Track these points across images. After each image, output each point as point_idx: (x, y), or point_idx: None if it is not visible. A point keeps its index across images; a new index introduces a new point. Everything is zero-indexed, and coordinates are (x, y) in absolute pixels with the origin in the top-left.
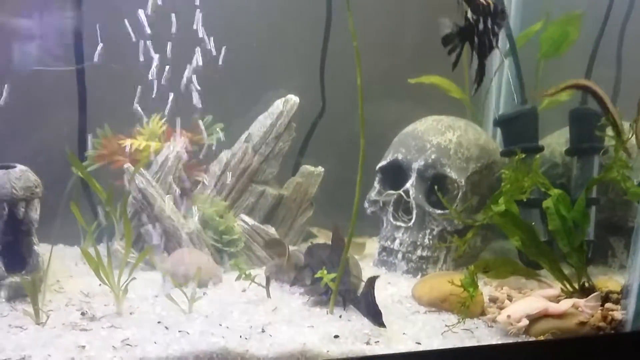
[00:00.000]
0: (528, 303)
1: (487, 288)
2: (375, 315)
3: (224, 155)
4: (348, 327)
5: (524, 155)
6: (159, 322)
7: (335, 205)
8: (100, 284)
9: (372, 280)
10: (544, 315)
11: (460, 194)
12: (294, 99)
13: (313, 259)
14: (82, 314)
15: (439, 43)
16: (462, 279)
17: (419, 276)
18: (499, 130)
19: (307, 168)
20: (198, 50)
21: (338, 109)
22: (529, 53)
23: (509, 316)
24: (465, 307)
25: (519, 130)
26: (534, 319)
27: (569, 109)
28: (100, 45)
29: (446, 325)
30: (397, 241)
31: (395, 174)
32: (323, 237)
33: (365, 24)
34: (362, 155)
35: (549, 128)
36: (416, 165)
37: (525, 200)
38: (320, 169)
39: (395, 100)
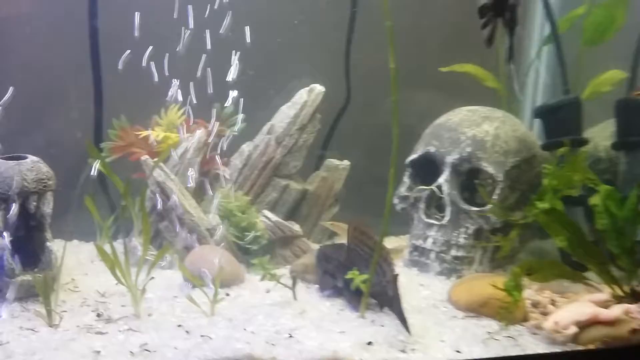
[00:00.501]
0: (576, 309)
1: (526, 291)
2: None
3: (246, 147)
4: (382, 333)
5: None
6: (179, 326)
7: (361, 201)
8: (116, 283)
9: (394, 277)
10: (594, 322)
11: (497, 190)
12: (319, 88)
13: (330, 263)
14: (98, 315)
15: (470, 29)
16: (505, 282)
17: (453, 278)
18: (535, 123)
19: (332, 162)
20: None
21: (364, 98)
22: (570, 39)
23: (556, 323)
24: (509, 312)
25: (563, 121)
26: (583, 326)
27: (615, 100)
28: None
29: (487, 332)
30: (430, 240)
31: (427, 168)
32: (341, 232)
33: (393, 6)
34: (396, 146)
35: (589, 120)
36: (450, 158)
37: (569, 197)
38: (346, 162)
39: (424, 90)
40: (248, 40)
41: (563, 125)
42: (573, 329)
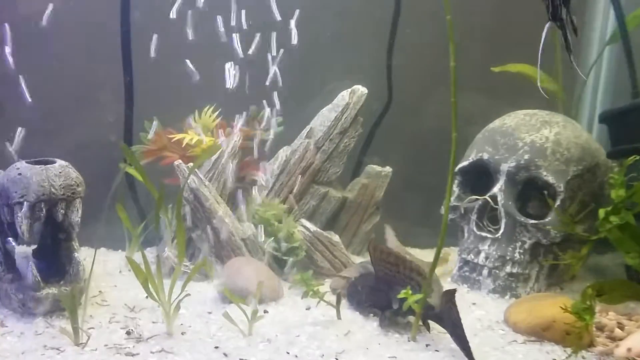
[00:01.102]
0: None
1: None
2: (465, 343)
3: (283, 152)
4: (437, 359)
5: (638, 158)
6: (216, 348)
7: (402, 210)
8: (147, 297)
9: (450, 294)
10: None
11: (557, 201)
12: (361, 89)
13: (361, 294)
14: (128, 333)
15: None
16: (573, 303)
17: (507, 296)
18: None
19: (373, 168)
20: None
21: (406, 102)
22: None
23: (629, 349)
24: (579, 337)
25: (632, 127)
26: None
27: None
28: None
29: None
30: (482, 255)
31: (479, 177)
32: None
33: (438, 4)
34: (454, 151)
35: None
36: (506, 166)
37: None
38: (388, 169)
39: (473, 92)
40: (294, 41)
41: (632, 132)
42: None
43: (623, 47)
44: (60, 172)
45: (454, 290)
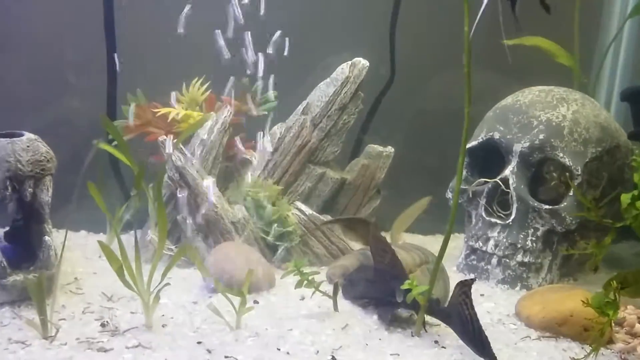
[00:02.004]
0: None
1: None
2: (481, 345)
3: (277, 129)
4: (444, 357)
5: None
6: (199, 343)
7: (404, 193)
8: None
9: (466, 286)
10: None
11: (575, 185)
12: (362, 62)
13: (358, 287)
14: (102, 325)
15: None
16: (594, 296)
17: (517, 287)
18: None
19: (374, 148)
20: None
21: (410, 76)
22: None
23: None
24: (600, 334)
25: None
26: None
27: None
28: None
29: (570, 358)
30: (492, 242)
31: (488, 158)
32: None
33: None
34: (466, 128)
35: None
36: (519, 147)
37: None
38: (390, 149)
39: (483, 67)
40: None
41: None
42: None
43: None
44: (27, 147)
45: (472, 281)
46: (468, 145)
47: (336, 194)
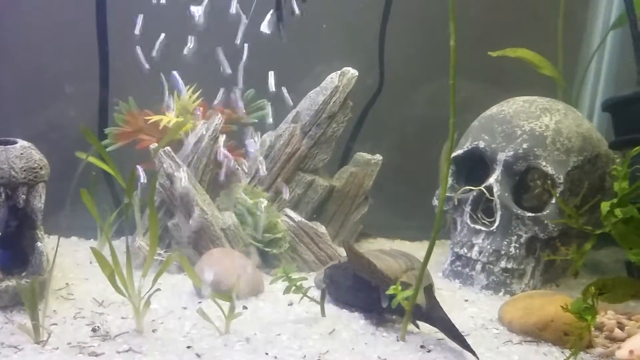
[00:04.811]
0: None
1: None
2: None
3: (268, 137)
4: None
5: None
6: (188, 347)
7: (391, 200)
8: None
9: (429, 292)
10: None
11: (557, 193)
12: (351, 71)
13: (340, 289)
14: (94, 330)
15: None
16: (574, 302)
17: (501, 293)
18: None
19: (362, 155)
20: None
21: (398, 86)
22: None
23: (631, 352)
24: (579, 339)
25: (637, 116)
26: None
27: None
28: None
29: None
30: (476, 249)
31: (473, 166)
32: None
33: None
34: (452, 137)
35: None
36: (503, 155)
37: None
38: (378, 157)
39: (469, 77)
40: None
41: (637, 121)
42: None
43: (630, 31)
44: (21, 154)
45: (430, 287)
46: (454, 154)
47: (325, 201)
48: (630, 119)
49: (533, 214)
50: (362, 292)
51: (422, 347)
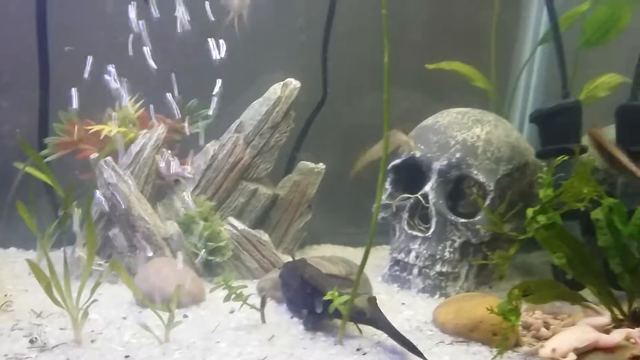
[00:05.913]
0: (575, 334)
1: None
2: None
3: (211, 146)
4: None
5: (566, 157)
6: (126, 357)
7: (335, 208)
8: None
9: (373, 302)
10: (593, 349)
11: (487, 200)
12: (294, 83)
13: (289, 291)
14: (31, 341)
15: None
16: (500, 304)
17: (436, 296)
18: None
19: (305, 164)
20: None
21: (341, 96)
22: (569, 39)
23: (553, 350)
24: (504, 338)
25: (561, 127)
26: (582, 352)
27: (617, 105)
28: None
29: None
30: (413, 254)
31: (411, 175)
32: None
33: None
34: (385, 147)
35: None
36: (437, 165)
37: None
38: (322, 165)
39: (408, 88)
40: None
41: (561, 132)
42: (572, 357)
43: (555, 48)
44: None
45: (374, 299)
46: (393, 163)
47: (268, 210)
48: (554, 130)
49: (466, 220)
50: (310, 295)
51: (358, 350)
